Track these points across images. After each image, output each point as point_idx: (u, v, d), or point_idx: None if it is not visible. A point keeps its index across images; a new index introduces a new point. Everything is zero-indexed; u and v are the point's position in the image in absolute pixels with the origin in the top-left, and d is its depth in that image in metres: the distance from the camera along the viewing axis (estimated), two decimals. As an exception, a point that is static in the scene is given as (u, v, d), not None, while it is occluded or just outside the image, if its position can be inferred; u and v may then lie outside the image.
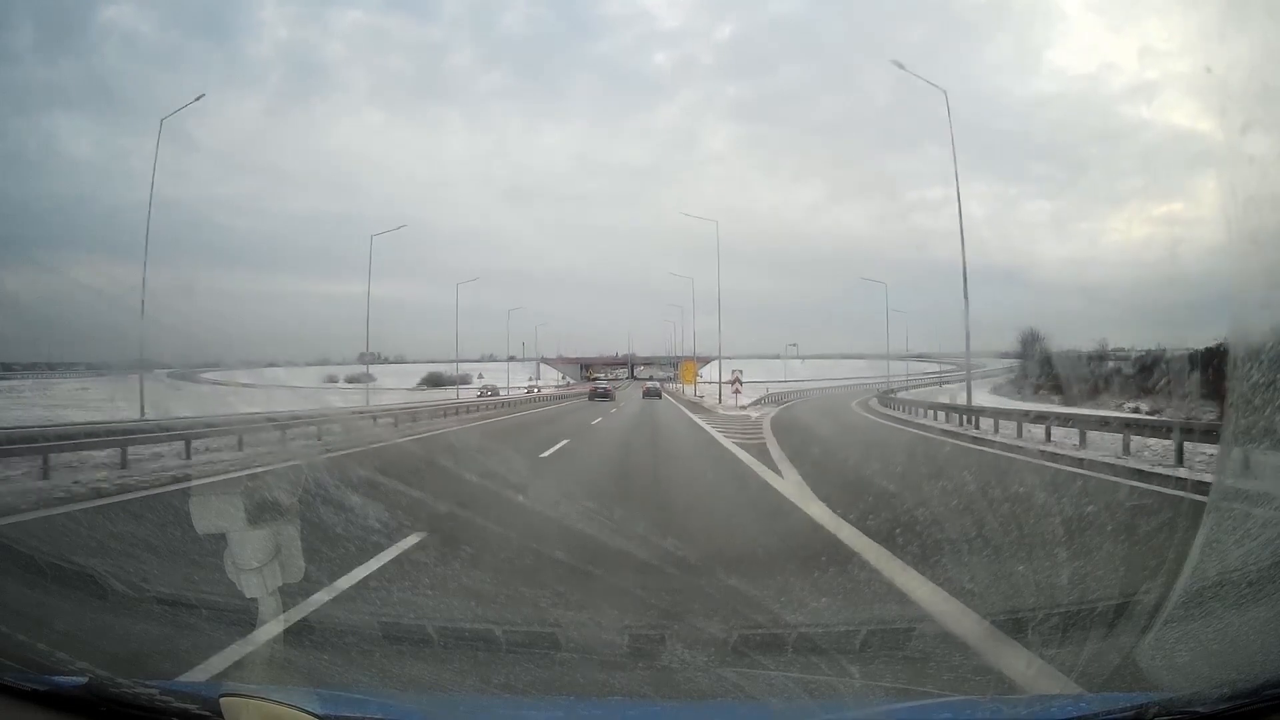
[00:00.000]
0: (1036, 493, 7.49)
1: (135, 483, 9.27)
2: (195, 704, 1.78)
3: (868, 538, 5.53)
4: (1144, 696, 1.95)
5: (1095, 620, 3.07)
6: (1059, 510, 5.94)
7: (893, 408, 31.56)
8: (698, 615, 3.52)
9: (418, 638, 3.33)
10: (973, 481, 7.43)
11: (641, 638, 3.34)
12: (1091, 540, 4.70)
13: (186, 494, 4.61)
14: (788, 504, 7.84)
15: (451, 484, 7.74)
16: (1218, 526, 3.08)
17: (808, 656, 3.00)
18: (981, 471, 9.91)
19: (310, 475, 6.75)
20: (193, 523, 2.67)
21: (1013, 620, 3.39)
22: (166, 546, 4.75)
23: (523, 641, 3.26)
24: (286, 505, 3.23)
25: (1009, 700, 2.55)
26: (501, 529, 5.29)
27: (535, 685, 2.86)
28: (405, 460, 11.64)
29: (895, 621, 3.73)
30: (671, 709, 2.69)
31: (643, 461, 12.79)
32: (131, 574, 4.01)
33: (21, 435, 11.18)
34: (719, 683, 2.75)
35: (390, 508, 5.50)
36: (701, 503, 8.53)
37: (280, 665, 2.42)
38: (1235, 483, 3.58)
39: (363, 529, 4.89)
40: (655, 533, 5.36)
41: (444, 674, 2.96)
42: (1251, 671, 2.17)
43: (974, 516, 5.36)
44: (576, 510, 6.19)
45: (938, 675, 2.97)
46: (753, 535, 6.43)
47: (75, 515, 7.02)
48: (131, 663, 2.81)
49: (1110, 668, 2.67)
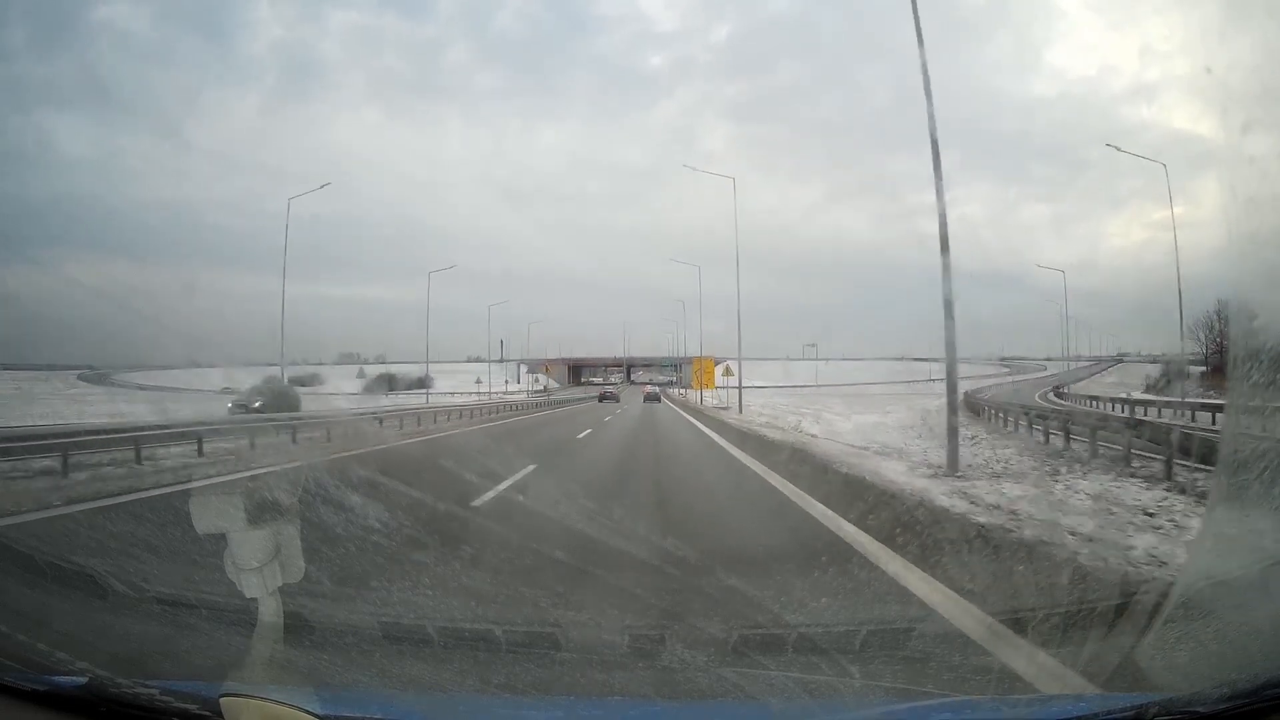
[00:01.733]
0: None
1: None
2: (195, 704, 1.78)
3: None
4: (1144, 696, 1.95)
5: (1095, 620, 3.07)
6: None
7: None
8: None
9: (418, 638, 3.33)
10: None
11: (642, 638, 3.34)
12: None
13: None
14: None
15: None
16: (1218, 525, 3.08)
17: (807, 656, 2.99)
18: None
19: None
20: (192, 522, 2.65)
21: (1014, 620, 3.39)
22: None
23: (523, 641, 3.26)
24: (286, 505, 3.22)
25: (1009, 700, 2.55)
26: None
27: (535, 685, 2.86)
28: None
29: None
30: (671, 709, 2.70)
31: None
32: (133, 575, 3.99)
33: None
34: (719, 682, 2.75)
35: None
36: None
37: (280, 665, 2.41)
38: (1236, 483, 3.58)
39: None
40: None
41: (444, 674, 2.96)
42: (1251, 671, 2.17)
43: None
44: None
45: (937, 675, 2.96)
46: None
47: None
48: (131, 663, 2.81)
49: (1110, 668, 2.67)
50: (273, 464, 11.69)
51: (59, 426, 15.28)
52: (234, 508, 2.39)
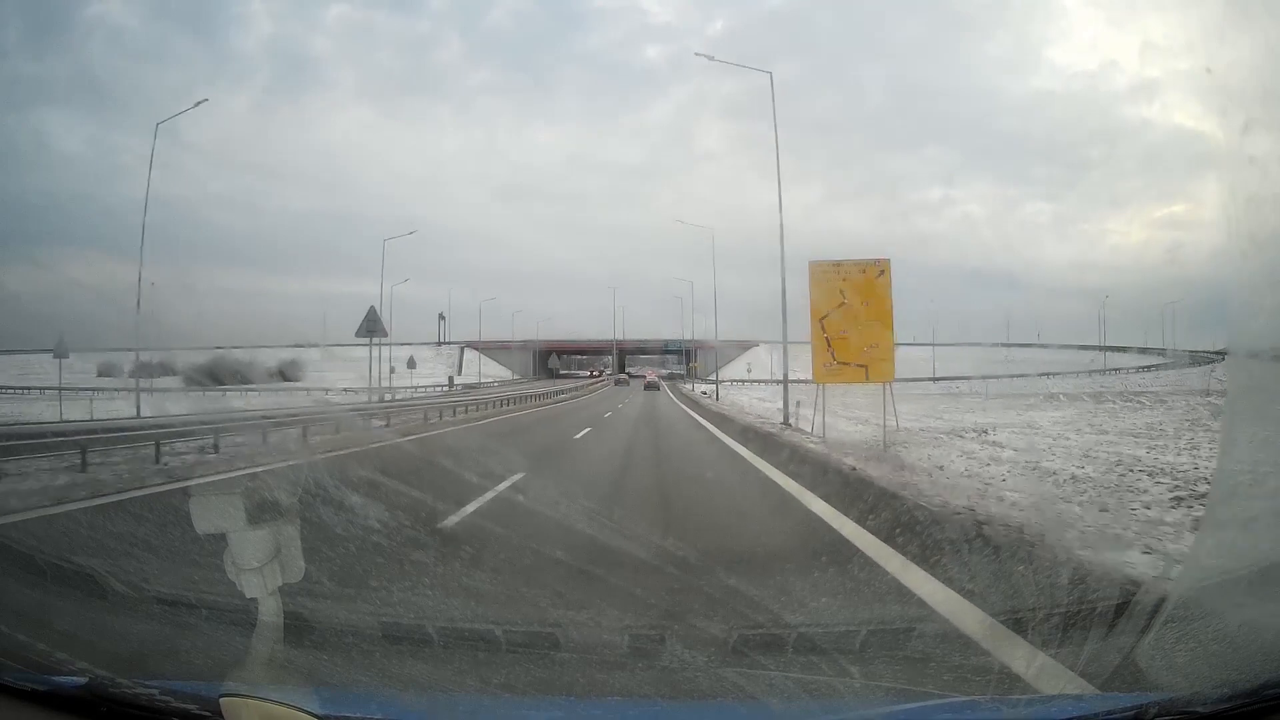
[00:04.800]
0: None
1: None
2: (195, 704, 1.78)
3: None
4: (1144, 696, 1.95)
5: (1095, 620, 3.07)
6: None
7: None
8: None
9: (418, 638, 3.34)
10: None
11: (642, 637, 3.33)
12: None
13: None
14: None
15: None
16: (1218, 525, 3.08)
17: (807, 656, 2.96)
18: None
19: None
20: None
21: (1014, 620, 3.38)
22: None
23: (523, 641, 3.26)
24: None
25: (1009, 700, 2.55)
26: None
27: (535, 685, 2.86)
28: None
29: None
30: (671, 709, 2.70)
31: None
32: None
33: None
34: (720, 683, 2.73)
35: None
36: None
37: (280, 665, 2.41)
38: (1237, 481, 3.57)
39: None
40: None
41: (444, 674, 2.97)
42: (1251, 671, 2.17)
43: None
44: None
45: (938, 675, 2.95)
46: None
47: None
48: (131, 663, 2.81)
49: (1110, 668, 2.67)
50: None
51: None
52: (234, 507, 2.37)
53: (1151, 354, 69.92)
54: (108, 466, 10.48)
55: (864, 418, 16.20)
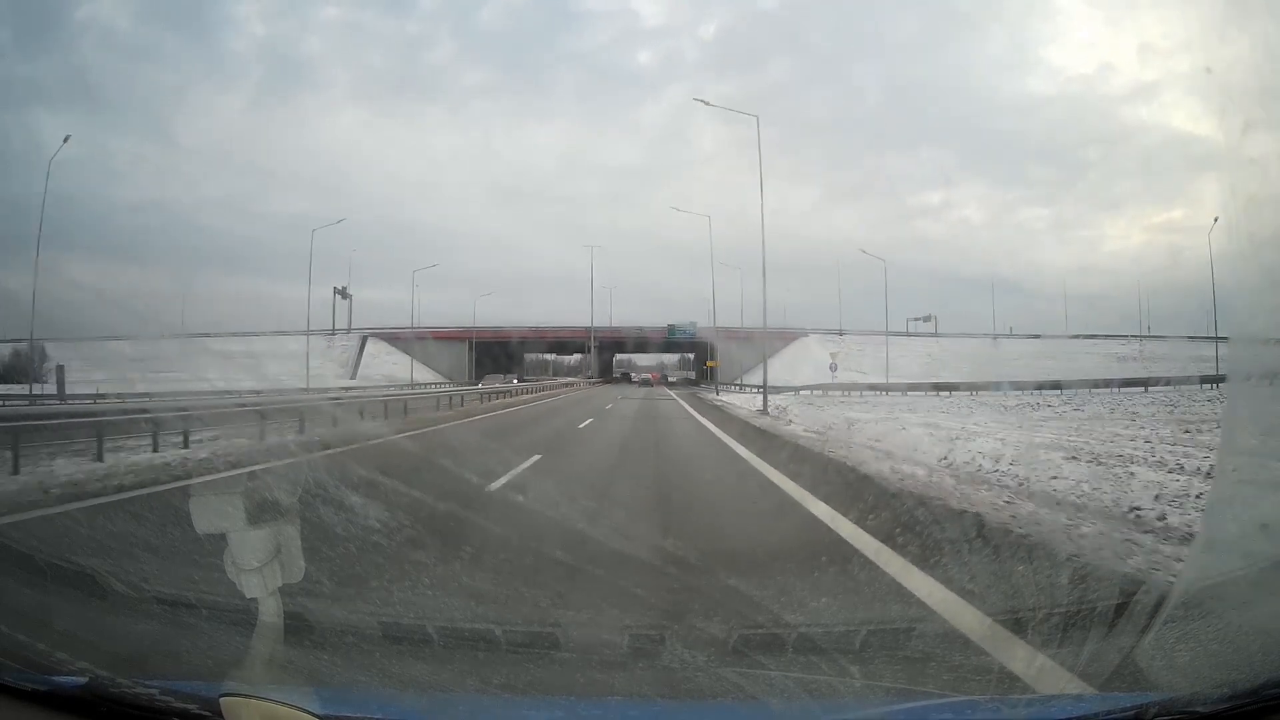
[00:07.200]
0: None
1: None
2: (195, 704, 1.78)
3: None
4: (1144, 696, 1.95)
5: (1095, 620, 3.07)
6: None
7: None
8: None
9: (418, 638, 3.33)
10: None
11: (641, 638, 3.33)
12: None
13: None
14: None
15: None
16: (1218, 524, 3.07)
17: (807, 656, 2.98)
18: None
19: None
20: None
21: (1014, 620, 3.38)
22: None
23: (523, 641, 3.26)
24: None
25: (1009, 700, 2.55)
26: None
27: (535, 685, 2.86)
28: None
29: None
30: (671, 709, 2.70)
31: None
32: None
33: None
34: (719, 682, 2.74)
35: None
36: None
37: (280, 665, 2.41)
38: (1237, 480, 3.57)
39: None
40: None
41: (444, 674, 2.96)
42: (1251, 671, 2.17)
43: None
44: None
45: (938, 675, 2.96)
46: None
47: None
48: (132, 662, 2.81)
49: (1110, 668, 2.67)
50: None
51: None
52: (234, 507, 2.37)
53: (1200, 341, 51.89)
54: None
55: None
